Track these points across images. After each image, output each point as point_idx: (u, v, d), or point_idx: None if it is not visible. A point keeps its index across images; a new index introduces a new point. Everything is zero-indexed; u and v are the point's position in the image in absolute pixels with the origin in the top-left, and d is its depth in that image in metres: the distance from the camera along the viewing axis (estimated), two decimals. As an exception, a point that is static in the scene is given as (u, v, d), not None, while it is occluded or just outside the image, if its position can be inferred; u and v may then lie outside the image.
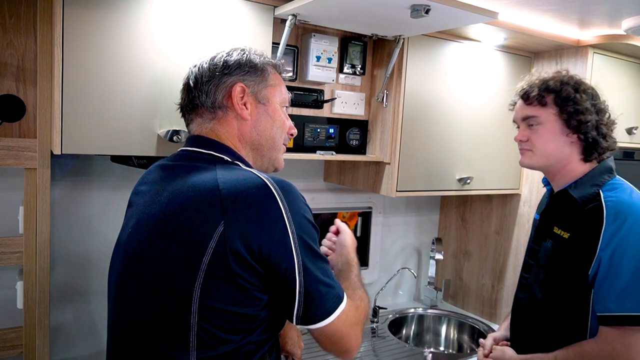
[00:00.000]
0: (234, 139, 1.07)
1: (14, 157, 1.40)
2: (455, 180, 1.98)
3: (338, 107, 1.82)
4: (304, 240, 0.95)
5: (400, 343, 2.00)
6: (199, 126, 1.08)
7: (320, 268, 0.97)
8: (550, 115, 1.35)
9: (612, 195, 1.28)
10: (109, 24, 1.29)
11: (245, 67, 1.08)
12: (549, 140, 1.36)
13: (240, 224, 0.91)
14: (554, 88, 1.35)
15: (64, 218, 1.64)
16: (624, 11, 1.62)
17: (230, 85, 1.06)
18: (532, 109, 1.38)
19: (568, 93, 1.33)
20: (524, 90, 1.40)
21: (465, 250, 2.42)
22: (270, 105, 1.11)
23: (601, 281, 1.23)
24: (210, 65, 1.08)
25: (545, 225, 1.42)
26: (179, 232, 0.94)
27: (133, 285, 1.00)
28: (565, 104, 1.33)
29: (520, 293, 1.48)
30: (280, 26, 1.57)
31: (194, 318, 0.91)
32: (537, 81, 1.39)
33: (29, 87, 1.49)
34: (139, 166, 1.46)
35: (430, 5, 1.33)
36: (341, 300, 0.99)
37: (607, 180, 1.33)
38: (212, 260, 0.90)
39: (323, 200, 2.15)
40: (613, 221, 1.23)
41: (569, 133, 1.34)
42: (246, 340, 0.95)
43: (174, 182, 1.01)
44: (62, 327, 1.68)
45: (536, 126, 1.37)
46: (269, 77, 1.11)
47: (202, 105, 1.07)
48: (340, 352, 1.02)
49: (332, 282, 0.99)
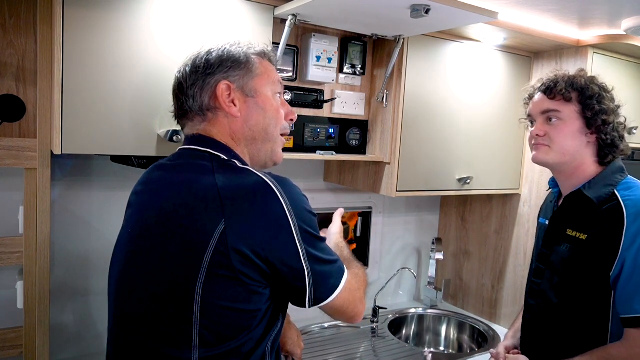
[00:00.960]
0: (227, 138, 1.05)
1: (14, 157, 1.40)
2: (455, 180, 1.98)
3: (338, 107, 1.82)
4: (305, 229, 0.97)
5: (400, 343, 2.00)
6: (191, 130, 1.07)
7: (321, 249, 1.00)
8: (572, 112, 1.33)
9: (629, 195, 1.26)
10: (109, 24, 1.29)
11: (227, 62, 1.05)
12: (569, 137, 1.33)
13: (242, 223, 0.91)
14: (580, 85, 1.33)
15: (64, 218, 1.64)
16: (624, 11, 1.62)
17: (214, 85, 1.04)
18: (554, 103, 1.34)
19: (593, 92, 1.32)
20: (547, 84, 1.37)
21: (465, 250, 2.42)
22: (260, 97, 1.08)
23: (625, 282, 1.20)
24: (192, 68, 1.06)
25: (558, 229, 1.39)
26: (179, 231, 0.94)
27: (133, 285, 1.00)
28: (590, 102, 1.31)
29: (532, 299, 1.44)
30: (280, 26, 1.57)
31: (196, 316, 0.92)
32: (562, 77, 1.36)
33: (29, 87, 1.49)
34: (139, 166, 1.46)
35: (430, 5, 1.33)
36: (343, 271, 1.03)
37: (620, 179, 1.31)
38: (214, 259, 0.90)
39: (323, 200, 2.15)
40: (634, 220, 1.21)
41: (588, 133, 1.32)
42: (248, 337, 0.95)
43: (172, 182, 1.01)
44: (62, 327, 1.68)
45: (556, 121, 1.34)
46: (254, 67, 1.07)
47: (191, 110, 1.05)
48: (348, 317, 1.07)
49: (333, 257, 1.03)
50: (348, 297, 1.03)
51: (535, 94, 1.41)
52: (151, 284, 0.97)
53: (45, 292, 1.44)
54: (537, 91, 1.41)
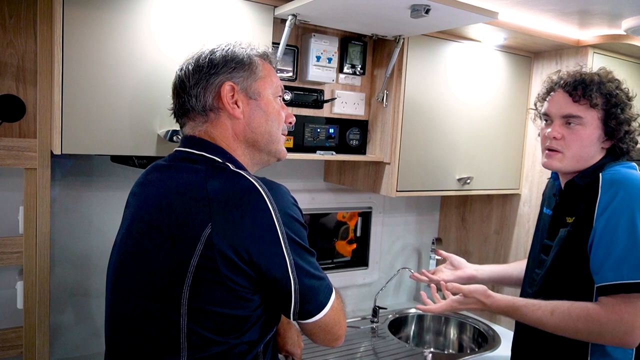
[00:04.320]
0: (228, 140, 1.05)
1: (14, 157, 1.40)
2: (455, 180, 1.98)
3: (338, 107, 1.82)
4: (293, 239, 0.95)
5: (400, 343, 2.00)
6: (192, 129, 1.06)
7: (310, 263, 0.98)
8: (594, 118, 1.27)
9: (609, 172, 1.26)
10: (109, 24, 1.29)
11: (231, 63, 1.04)
12: (587, 144, 1.28)
13: (228, 227, 0.90)
14: (608, 91, 1.27)
15: (63, 218, 1.64)
16: (624, 11, 1.62)
17: (218, 85, 1.03)
18: (579, 108, 1.27)
19: (620, 100, 1.27)
20: (572, 83, 1.28)
21: (465, 250, 2.42)
22: (263, 99, 1.07)
23: (596, 250, 1.19)
24: (195, 67, 1.04)
25: (559, 219, 1.38)
26: (168, 234, 0.94)
27: (125, 287, 1.01)
28: (615, 110, 1.26)
29: (530, 288, 1.43)
30: (280, 26, 1.57)
31: (183, 320, 0.92)
32: (589, 78, 1.28)
33: (29, 87, 1.49)
34: (139, 166, 1.46)
35: (430, 5, 1.33)
36: (332, 290, 1.02)
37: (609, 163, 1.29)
38: (200, 263, 0.90)
39: (323, 200, 2.15)
40: (607, 190, 1.20)
41: (605, 140, 1.29)
42: (238, 340, 0.95)
43: (165, 184, 1.01)
44: (62, 327, 1.68)
45: (576, 126, 1.28)
46: (258, 69, 1.07)
47: (193, 110, 1.04)
48: (332, 339, 1.05)
49: (322, 273, 1.01)
50: (334, 316, 1.02)
51: (556, 90, 1.32)
52: (142, 286, 0.97)
53: (45, 292, 1.44)
54: (558, 87, 1.32)
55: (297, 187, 2.09)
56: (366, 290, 2.34)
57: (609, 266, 1.18)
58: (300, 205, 1.02)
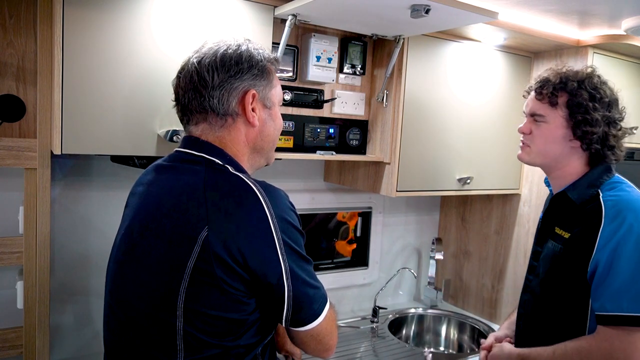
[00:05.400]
0: (239, 145, 1.04)
1: (14, 157, 1.40)
2: (455, 180, 1.98)
3: (338, 107, 1.82)
4: (289, 245, 0.95)
5: (400, 343, 2.00)
6: (203, 131, 1.03)
7: (306, 270, 0.98)
8: (557, 117, 1.30)
9: (611, 195, 1.26)
10: (109, 24, 1.29)
11: (254, 69, 1.03)
12: (550, 141, 1.32)
13: (225, 230, 0.90)
14: (570, 89, 1.29)
15: (63, 218, 1.64)
16: (624, 11, 1.62)
17: (242, 92, 1.01)
18: (541, 106, 1.33)
19: (582, 99, 1.27)
20: (540, 82, 1.34)
21: (465, 250, 2.42)
22: (274, 109, 1.08)
23: (598, 281, 1.21)
24: (221, 66, 1.00)
25: (548, 226, 1.41)
26: (165, 235, 0.94)
27: (123, 287, 1.01)
28: (576, 110, 1.28)
29: (525, 294, 1.46)
30: (280, 26, 1.57)
31: (179, 322, 0.92)
32: (554, 76, 1.32)
33: (29, 87, 1.49)
34: (139, 166, 1.46)
35: (430, 5, 1.33)
36: (326, 299, 1.01)
37: (605, 180, 1.30)
38: (197, 265, 0.90)
39: (323, 200, 2.15)
40: (612, 220, 1.21)
41: (573, 139, 1.30)
42: (235, 343, 0.95)
43: (165, 185, 1.01)
44: (62, 327, 1.68)
45: (541, 124, 1.33)
46: (272, 77, 1.07)
47: (212, 111, 1.01)
48: (323, 350, 1.04)
49: (318, 283, 1.01)
50: (327, 326, 1.02)
51: (531, 91, 1.39)
52: (139, 287, 0.97)
53: (45, 292, 1.44)
54: (532, 88, 1.38)
55: (297, 187, 2.09)
56: (366, 290, 2.34)
57: (608, 296, 1.19)
58: (300, 205, 1.02)
